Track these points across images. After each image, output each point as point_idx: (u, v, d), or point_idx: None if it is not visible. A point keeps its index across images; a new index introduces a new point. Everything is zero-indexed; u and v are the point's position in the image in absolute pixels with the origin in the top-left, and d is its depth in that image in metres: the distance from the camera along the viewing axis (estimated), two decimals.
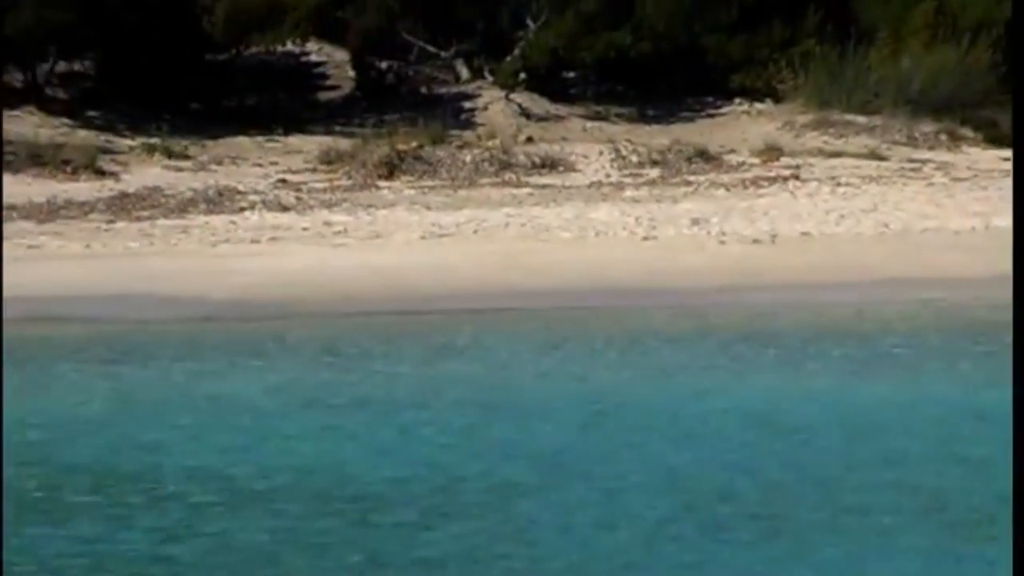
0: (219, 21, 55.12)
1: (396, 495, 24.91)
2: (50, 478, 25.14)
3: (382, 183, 51.21)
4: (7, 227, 47.77)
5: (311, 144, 53.35)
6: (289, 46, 57.62)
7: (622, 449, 27.85)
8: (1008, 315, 38.16)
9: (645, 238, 46.55)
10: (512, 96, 56.54)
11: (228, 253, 45.51)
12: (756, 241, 45.78)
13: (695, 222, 48.11)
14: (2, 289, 36.66)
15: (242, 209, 49.43)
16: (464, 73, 58.08)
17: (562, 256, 45.16)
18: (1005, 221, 47.35)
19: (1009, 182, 52.53)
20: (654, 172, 52.85)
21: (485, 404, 32.01)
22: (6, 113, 53.31)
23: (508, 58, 57.16)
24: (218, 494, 24.68)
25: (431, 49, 57.68)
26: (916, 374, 34.92)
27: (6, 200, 49.66)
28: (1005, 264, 41.68)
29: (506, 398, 32.99)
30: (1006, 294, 38.01)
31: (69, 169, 51.15)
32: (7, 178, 51.11)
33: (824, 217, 48.89)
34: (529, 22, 56.74)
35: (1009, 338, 35.10)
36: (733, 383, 34.10)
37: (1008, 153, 55.42)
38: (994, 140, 57.03)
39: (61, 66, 54.73)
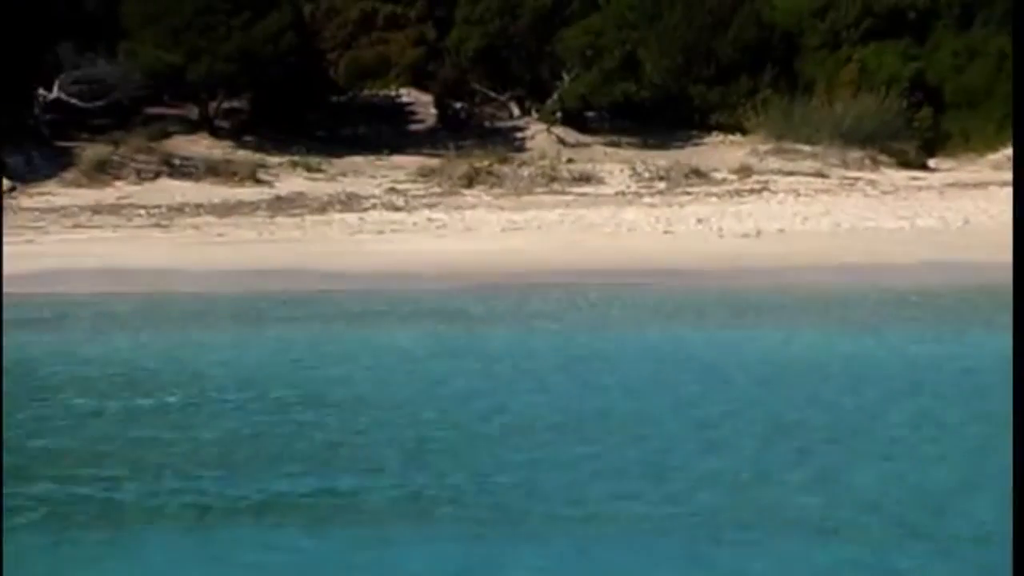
0: (341, 72, 55.68)
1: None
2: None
3: (465, 191, 52.27)
4: (198, 219, 49.21)
5: (409, 162, 54.14)
6: (390, 91, 58.42)
7: (672, 374, 30.20)
8: (927, 290, 40.79)
9: (665, 232, 48.23)
10: (552, 129, 57.71)
11: (363, 240, 47.61)
12: (745, 235, 47.63)
13: (700, 221, 49.92)
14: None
15: (366, 209, 50.78)
16: (516, 112, 58.97)
17: (605, 245, 47.13)
18: (926, 222, 50.05)
19: (921, 195, 54.10)
20: (661, 184, 54.09)
21: (577, 351, 33.44)
22: (185, 138, 54.48)
23: (548, 101, 58.24)
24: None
25: (491, 94, 58.46)
26: (863, 330, 36.54)
27: (196, 199, 51.03)
28: (927, 254, 45.18)
29: (591, 345, 34.35)
30: (928, 275, 42.54)
31: (236, 179, 52.29)
32: (192, 185, 52.47)
33: (792, 218, 50.45)
34: (564, 75, 57.71)
35: (920, 306, 40.23)
36: (741, 334, 36.30)
37: (917, 173, 57.61)
38: (904, 164, 58.81)
39: (225, 104, 55.35)
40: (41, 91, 53.29)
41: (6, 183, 49.41)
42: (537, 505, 20.84)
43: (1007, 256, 43.51)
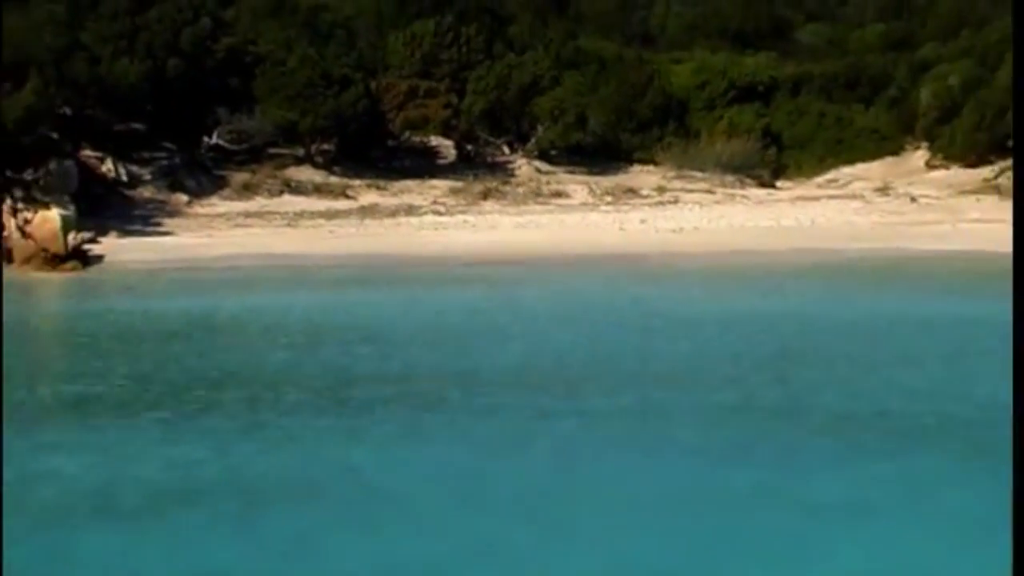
0: (396, 125, 56.22)
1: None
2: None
3: (483, 203, 52.91)
4: (313, 222, 49.89)
5: (441, 184, 54.58)
6: (427, 138, 58.70)
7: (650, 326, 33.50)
8: (793, 266, 43.21)
9: (620, 229, 49.43)
10: (531, 162, 58.08)
11: (422, 235, 48.32)
12: (672, 231, 48.76)
13: (642, 221, 50.70)
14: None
15: (421, 215, 51.53)
16: (507, 151, 59.26)
17: (580, 238, 48.02)
18: (787, 223, 50.99)
19: (779, 205, 55.48)
20: (609, 198, 54.50)
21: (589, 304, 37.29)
22: (296, 168, 54.51)
23: (528, 144, 58.62)
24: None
25: (491, 139, 58.94)
26: (748, 290, 39.23)
27: (309, 209, 51.49)
28: (792, 242, 46.90)
29: (575, 298, 37.84)
30: (794, 256, 44.33)
31: (332, 195, 52.74)
32: (305, 199, 52.79)
33: (700, 220, 51.14)
34: (539, 127, 57.96)
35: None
36: (668, 292, 38.74)
37: (771, 191, 58.86)
38: (762, 184, 58.83)
39: (323, 146, 55.51)
40: (205, 138, 53.69)
41: (184, 197, 50.56)
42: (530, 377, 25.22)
43: (843, 243, 46.47)
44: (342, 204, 52.24)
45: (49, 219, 41.60)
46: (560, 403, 23.51)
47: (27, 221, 41.64)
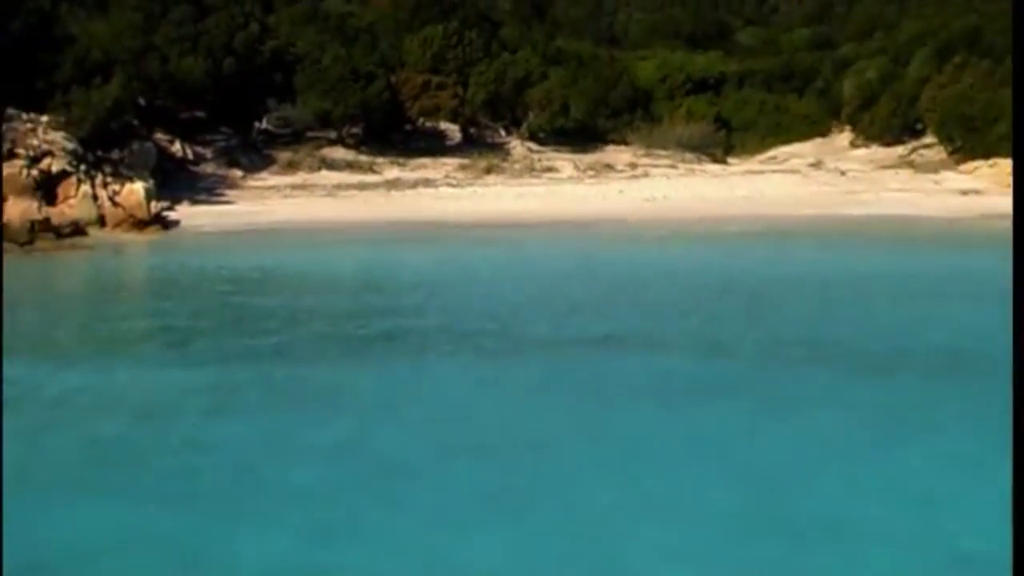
0: (413, 112, 56.24)
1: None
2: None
3: (487, 177, 52.45)
4: (348, 193, 49.55)
5: (451, 162, 54.03)
6: (437, 124, 58.13)
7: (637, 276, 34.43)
8: (750, 227, 43.07)
9: (603, 199, 49.22)
10: (524, 143, 57.88)
11: (440, 202, 48.12)
12: (645, 200, 48.90)
13: (620, 192, 50.82)
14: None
15: (437, 186, 51.21)
16: (503, 134, 59.16)
17: (570, 205, 47.61)
18: (742, 193, 50.47)
19: (732, 179, 54.87)
20: (591, 172, 54.12)
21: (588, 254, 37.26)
22: (331, 148, 54.27)
23: (522, 127, 58.55)
24: None
25: (490, 123, 58.97)
26: (712, 248, 39.07)
27: (344, 182, 51.01)
28: (747, 209, 46.80)
29: (571, 251, 37.65)
30: (751, 221, 44.10)
31: (362, 171, 52.24)
32: (339, 174, 52.12)
33: (668, 190, 50.91)
34: (530, 113, 57.75)
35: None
36: (646, 249, 39.25)
37: (724, 167, 58.26)
38: (716, 161, 58.48)
39: (353, 130, 55.18)
40: (256, 124, 53.81)
41: (239, 172, 50.53)
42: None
43: (789, 210, 46.40)
44: (370, 178, 51.86)
45: (135, 191, 41.84)
46: (561, 321, 24.94)
47: (116, 192, 41.74)
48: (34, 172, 40.47)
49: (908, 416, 16.89)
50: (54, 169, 40.95)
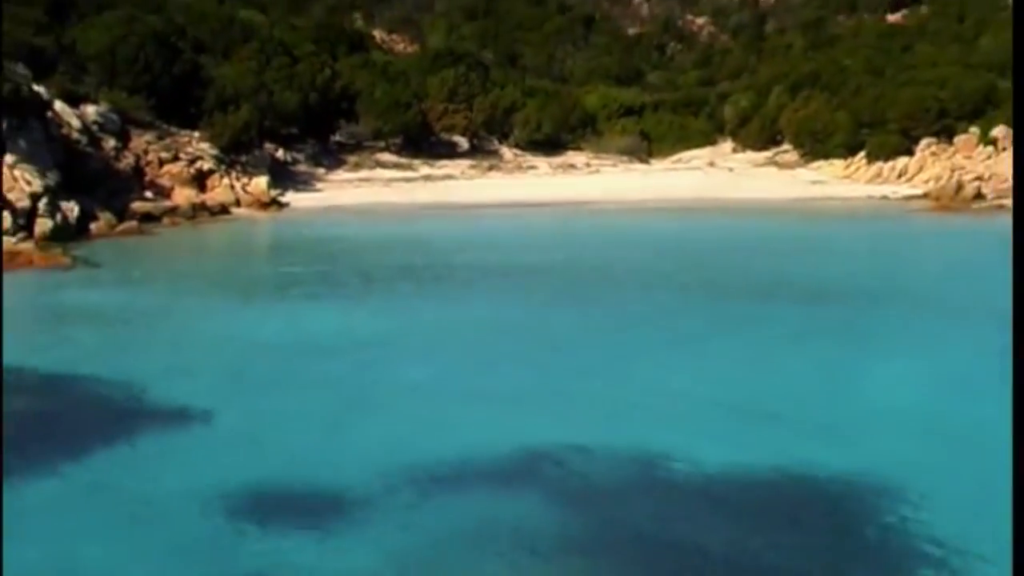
0: (436, 129, 56.74)
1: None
2: None
3: (490, 173, 52.83)
4: (398, 185, 48.97)
5: (464, 163, 54.28)
6: (452, 137, 57.85)
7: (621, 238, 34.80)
8: (679, 206, 43.03)
9: (569, 188, 48.65)
10: (511, 150, 58.02)
11: (460, 191, 47.48)
12: (602, 189, 47.86)
13: (586, 183, 50.01)
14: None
15: (456, 180, 50.81)
16: (497, 143, 58.87)
17: (553, 192, 47.21)
18: (669, 182, 49.71)
19: (656, 172, 54.02)
20: (560, 171, 54.36)
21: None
22: (381, 154, 54.09)
23: (510, 139, 58.91)
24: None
25: (489, 137, 58.97)
26: (655, 220, 39.70)
27: (394, 177, 50.63)
28: (670, 194, 46.02)
29: (559, 222, 38.43)
30: (674, 203, 43.80)
31: (403, 169, 52.18)
32: (389, 171, 51.85)
33: (617, 181, 50.48)
34: (515, 130, 58.40)
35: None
36: (602, 220, 39.96)
37: (648, 166, 57.46)
38: (642, 162, 58.02)
39: (395, 141, 55.13)
40: (332, 137, 54.39)
41: (322, 170, 50.94)
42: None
43: (697, 194, 46.18)
44: (410, 174, 52.02)
45: (259, 182, 42.83)
46: (543, 255, 27.45)
47: (246, 184, 42.65)
48: (191, 170, 41.34)
49: (781, 326, 18.76)
50: (204, 168, 41.82)
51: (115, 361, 16.50)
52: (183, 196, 39.59)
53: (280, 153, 49.46)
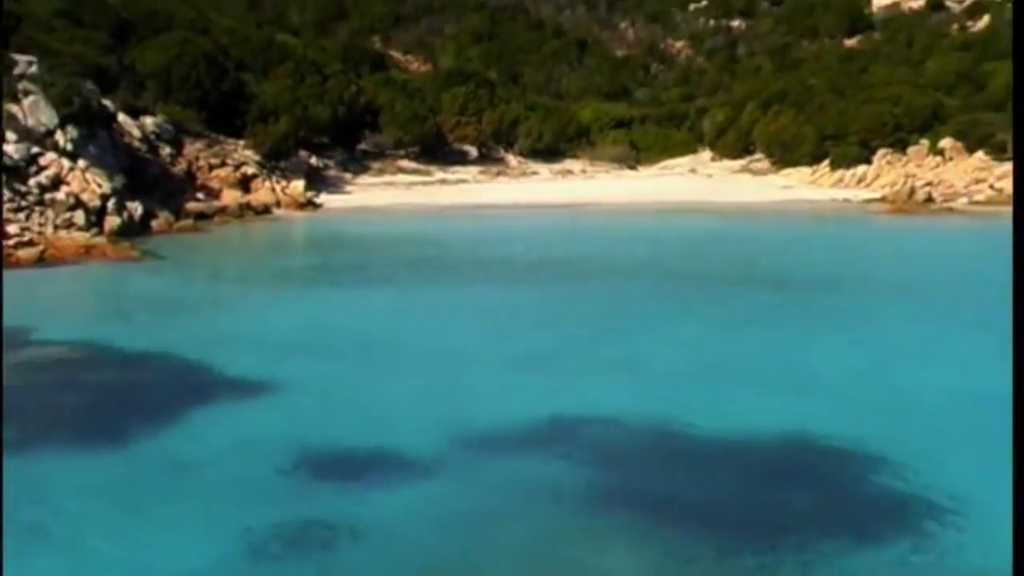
0: (450, 139, 56.53)
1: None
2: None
3: (499, 178, 52.71)
4: (417, 188, 48.76)
5: (473, 169, 54.08)
6: (463, 146, 57.63)
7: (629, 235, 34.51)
8: (665, 207, 42.55)
9: (567, 191, 48.15)
10: (516, 157, 57.72)
11: (472, 194, 47.04)
12: (598, 191, 47.76)
13: (584, 186, 49.90)
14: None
15: (469, 183, 50.68)
16: (503, 152, 58.59)
17: (556, 194, 46.94)
18: (658, 186, 49.20)
19: (645, 178, 53.62)
20: (560, 175, 54.25)
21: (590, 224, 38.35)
22: (401, 161, 53.73)
23: (515, 148, 58.53)
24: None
25: (496, 146, 58.66)
26: (645, 219, 39.74)
27: (413, 181, 50.46)
28: (658, 197, 45.63)
29: (562, 222, 38.30)
30: (662, 204, 43.42)
31: (421, 175, 51.93)
32: (409, 176, 51.49)
33: (610, 185, 50.57)
34: (520, 139, 58.20)
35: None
36: (598, 222, 39.59)
37: (638, 172, 57.04)
38: (632, 169, 57.81)
39: (412, 150, 54.73)
40: (358, 146, 54.09)
41: (350, 175, 50.92)
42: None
43: (682, 198, 45.79)
44: (428, 179, 51.96)
45: (296, 186, 43.06)
46: (546, 251, 27.48)
47: (284, 187, 42.81)
48: (237, 174, 41.53)
49: (754, 308, 19.41)
50: (249, 173, 42.01)
51: (186, 339, 16.83)
52: (230, 197, 39.83)
53: (313, 160, 49.25)
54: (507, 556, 8.04)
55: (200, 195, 38.59)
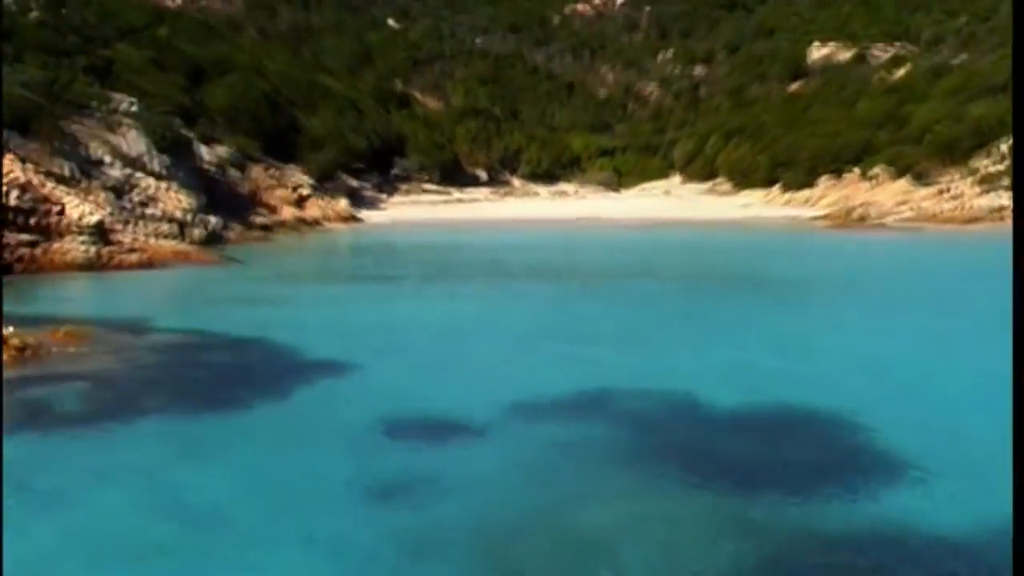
0: (465, 165, 57.01)
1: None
2: None
3: (508, 197, 53.10)
4: (444, 205, 49.53)
5: (486, 190, 54.54)
6: (477, 171, 58.31)
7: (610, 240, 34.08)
8: (646, 224, 42.36)
9: (563, 209, 48.59)
10: (519, 180, 58.47)
11: (484, 211, 47.98)
12: (589, 209, 48.08)
13: (579, 205, 50.01)
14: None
15: (480, 202, 51.29)
16: (508, 175, 59.10)
17: (557, 212, 47.58)
18: (643, 204, 49.31)
19: (629, 199, 53.78)
20: (557, 196, 54.93)
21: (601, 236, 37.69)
22: (425, 183, 54.78)
23: (518, 172, 59.38)
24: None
25: (502, 170, 59.69)
26: (630, 233, 38.79)
27: (438, 200, 50.93)
28: (640, 215, 45.60)
29: (567, 234, 37.92)
30: (643, 221, 42.87)
31: (442, 195, 52.64)
32: (433, 196, 52.11)
33: (601, 204, 50.58)
34: (522, 165, 59.88)
35: None
36: (595, 231, 39.35)
37: (622, 194, 57.78)
38: (616, 191, 57.89)
39: (433, 174, 54.81)
40: (390, 171, 54.45)
41: (384, 196, 51.64)
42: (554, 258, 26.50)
43: (660, 215, 45.56)
44: (447, 198, 52.67)
45: (341, 203, 43.72)
46: (547, 258, 27.33)
47: (331, 204, 43.35)
48: (293, 194, 41.95)
49: (723, 302, 19.65)
50: (302, 192, 42.50)
51: (274, 326, 16.99)
52: (288, 212, 40.32)
53: (353, 182, 49.78)
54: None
55: (262, 211, 39.13)
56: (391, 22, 77.85)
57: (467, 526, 7.60)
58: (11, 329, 13.74)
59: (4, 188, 22.90)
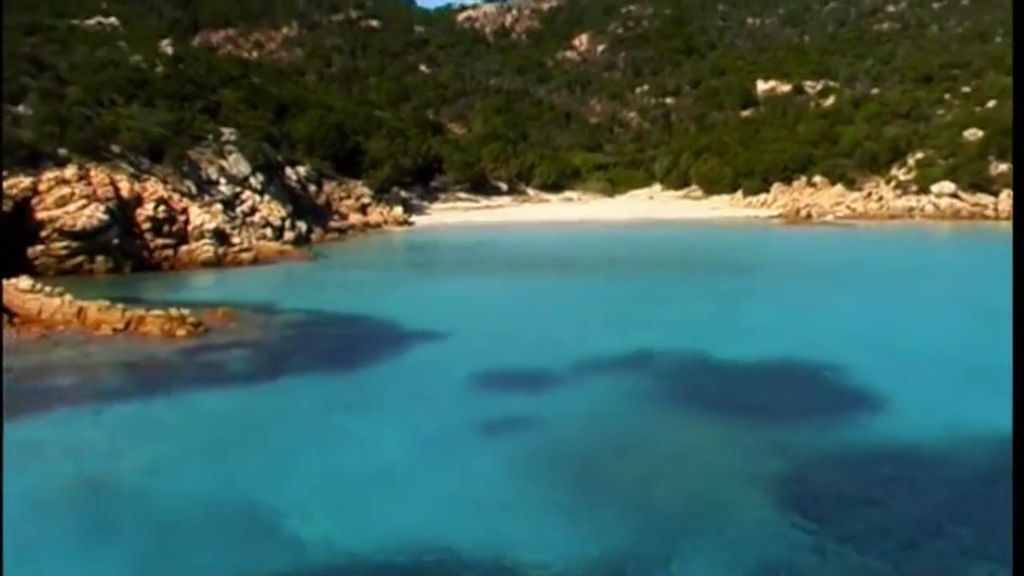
0: (490, 178, 56.20)
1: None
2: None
3: (523, 204, 51.28)
4: (475, 212, 46.97)
5: (507, 199, 53.03)
6: (499, 183, 56.41)
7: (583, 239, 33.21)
8: (634, 224, 41.06)
9: (569, 213, 46.41)
10: (533, 190, 56.58)
11: (507, 215, 45.69)
12: (590, 211, 46.33)
13: (579, 210, 48.25)
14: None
15: (505, 208, 49.36)
16: (523, 186, 57.58)
17: (563, 216, 45.17)
18: (630, 207, 47.59)
19: (617, 203, 51.48)
20: (565, 202, 53.29)
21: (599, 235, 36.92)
22: (459, 193, 52.61)
23: (532, 183, 57.56)
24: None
25: (519, 183, 57.78)
26: (625, 231, 37.91)
27: (471, 206, 48.92)
28: (633, 216, 43.92)
29: (572, 234, 36.85)
30: (637, 221, 41.52)
31: (474, 202, 50.85)
32: (465, 203, 49.87)
33: (597, 209, 48.32)
34: (535, 178, 57.74)
35: None
36: (598, 230, 38.30)
37: (616, 199, 54.63)
38: (611, 196, 55.60)
39: (465, 186, 53.59)
40: (431, 183, 53.64)
41: (427, 204, 50.21)
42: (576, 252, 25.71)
43: (648, 215, 44.01)
44: (477, 205, 51.31)
45: (397, 210, 43.15)
46: (560, 253, 26.89)
47: (389, 211, 42.78)
48: (358, 204, 42.02)
49: (701, 287, 19.74)
50: (366, 202, 42.47)
51: (370, 305, 17.54)
52: (355, 218, 40.40)
53: (403, 193, 49.41)
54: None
55: (336, 217, 39.12)
56: (423, 67, 77.62)
57: (567, 451, 8.17)
58: (187, 311, 14.35)
59: (150, 203, 23.66)
